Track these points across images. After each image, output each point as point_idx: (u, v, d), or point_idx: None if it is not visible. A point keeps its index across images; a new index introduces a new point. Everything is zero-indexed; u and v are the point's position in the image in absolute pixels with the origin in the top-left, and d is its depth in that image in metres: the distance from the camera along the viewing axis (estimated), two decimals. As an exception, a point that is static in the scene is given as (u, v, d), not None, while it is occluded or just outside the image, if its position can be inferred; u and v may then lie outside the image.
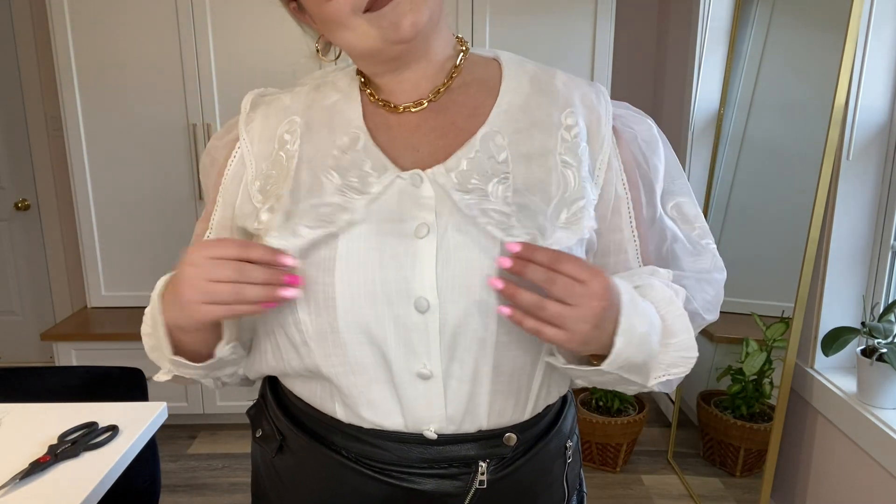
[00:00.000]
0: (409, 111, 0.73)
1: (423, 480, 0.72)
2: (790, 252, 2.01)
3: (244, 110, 0.80)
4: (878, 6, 1.73)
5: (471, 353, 0.69)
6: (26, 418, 1.31)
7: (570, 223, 0.69)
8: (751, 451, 2.28)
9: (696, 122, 2.81)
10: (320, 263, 0.68)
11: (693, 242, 0.78)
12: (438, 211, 0.67)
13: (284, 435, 0.78)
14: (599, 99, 0.75)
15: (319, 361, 0.71)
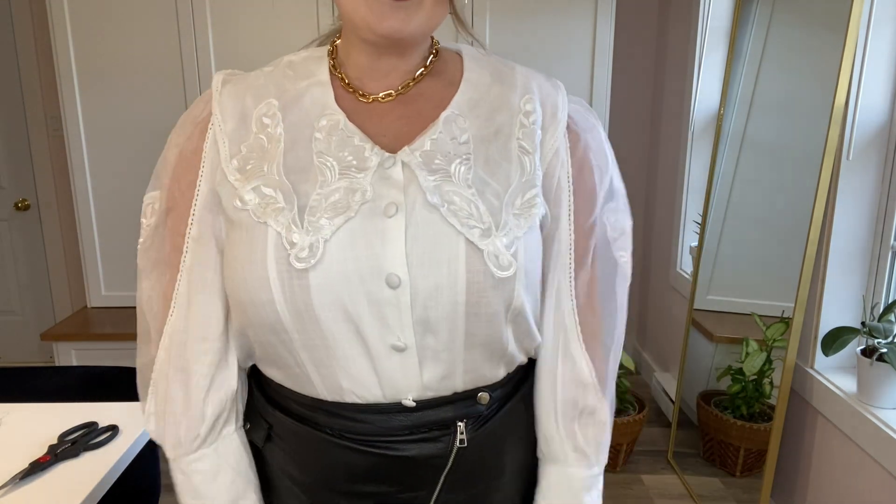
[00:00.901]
0: (377, 101, 0.75)
1: (406, 446, 0.75)
2: (790, 252, 2.01)
3: (216, 89, 0.77)
4: (878, 6, 1.73)
5: (443, 325, 0.71)
6: (26, 418, 1.31)
7: (524, 210, 0.73)
8: (751, 451, 2.28)
9: (696, 122, 2.81)
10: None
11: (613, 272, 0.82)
12: (406, 191, 0.70)
13: (271, 423, 0.80)
14: (557, 91, 0.79)
15: (296, 338, 0.71)
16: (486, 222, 0.70)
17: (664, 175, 3.15)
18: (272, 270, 0.69)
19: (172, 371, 0.77)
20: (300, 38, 3.10)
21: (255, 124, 0.74)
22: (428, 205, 0.70)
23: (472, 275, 0.69)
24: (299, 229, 0.69)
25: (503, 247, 0.70)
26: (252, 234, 0.71)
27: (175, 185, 0.77)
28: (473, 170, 0.72)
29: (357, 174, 0.70)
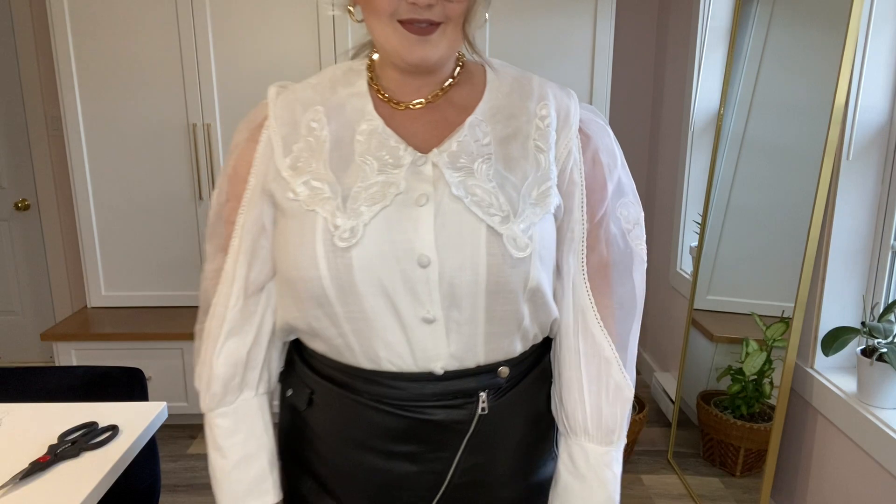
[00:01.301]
0: (409, 108, 0.87)
1: (435, 412, 0.85)
2: (790, 252, 2.01)
3: (271, 98, 0.90)
4: (878, 6, 1.73)
5: (466, 300, 0.81)
6: (26, 418, 1.31)
7: (539, 200, 0.84)
8: (751, 451, 2.28)
9: (696, 122, 2.81)
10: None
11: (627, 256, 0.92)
12: (436, 185, 0.81)
13: (312, 389, 0.91)
14: (570, 99, 0.90)
15: (340, 311, 0.82)
16: (506, 211, 0.81)
17: (664, 175, 3.15)
18: (319, 249, 0.80)
19: (205, 337, 0.93)
20: (300, 38, 3.10)
21: (304, 129, 0.86)
22: (453, 196, 0.81)
23: (492, 256, 0.80)
24: (342, 215, 0.80)
25: (520, 231, 0.81)
26: (302, 220, 0.82)
27: (231, 180, 0.90)
28: (494, 167, 0.83)
29: (393, 170, 0.82)
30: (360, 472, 0.89)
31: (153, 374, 2.77)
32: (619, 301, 0.91)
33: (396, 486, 0.89)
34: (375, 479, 0.89)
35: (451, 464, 0.88)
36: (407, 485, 0.89)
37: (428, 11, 0.78)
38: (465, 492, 0.90)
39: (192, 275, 2.96)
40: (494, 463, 0.90)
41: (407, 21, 0.79)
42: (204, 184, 2.85)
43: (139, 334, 2.73)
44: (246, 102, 2.79)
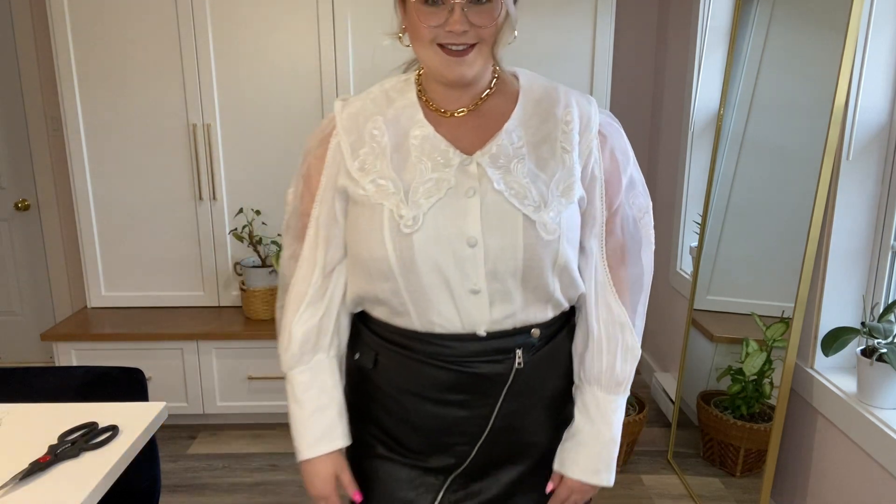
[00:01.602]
0: (454, 115, 1.04)
1: (479, 366, 1.03)
2: (790, 252, 2.01)
3: (339, 113, 1.07)
4: (878, 6, 1.73)
5: (507, 274, 0.99)
6: (26, 418, 1.31)
7: (565, 192, 1.01)
8: (751, 451, 2.28)
9: (696, 122, 2.81)
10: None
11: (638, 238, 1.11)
12: (480, 180, 0.99)
13: (377, 351, 1.09)
14: (590, 105, 1.06)
15: (402, 285, 1.00)
16: (538, 202, 0.99)
17: (664, 175, 3.15)
18: (387, 235, 0.99)
19: (285, 310, 1.11)
20: (300, 38, 3.10)
21: (368, 136, 1.03)
22: (495, 190, 0.99)
23: (527, 238, 0.98)
24: (405, 206, 0.99)
25: (550, 218, 0.99)
26: (372, 211, 1.00)
27: (305, 181, 1.10)
28: (527, 165, 1.01)
29: (444, 169, 1.00)
30: (418, 418, 1.07)
31: (153, 374, 2.77)
32: (633, 277, 1.10)
33: (448, 429, 1.07)
34: (432, 424, 1.07)
35: (493, 409, 1.06)
36: (457, 428, 1.06)
37: (463, 36, 0.95)
38: (505, 434, 1.07)
39: (193, 275, 2.96)
40: (529, 409, 1.08)
41: (445, 45, 0.96)
42: (204, 184, 2.85)
43: (139, 334, 2.73)
44: (246, 102, 2.80)
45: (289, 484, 2.50)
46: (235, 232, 2.83)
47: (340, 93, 2.76)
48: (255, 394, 2.81)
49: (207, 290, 2.97)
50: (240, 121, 2.80)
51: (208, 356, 2.77)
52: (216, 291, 2.97)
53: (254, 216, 2.86)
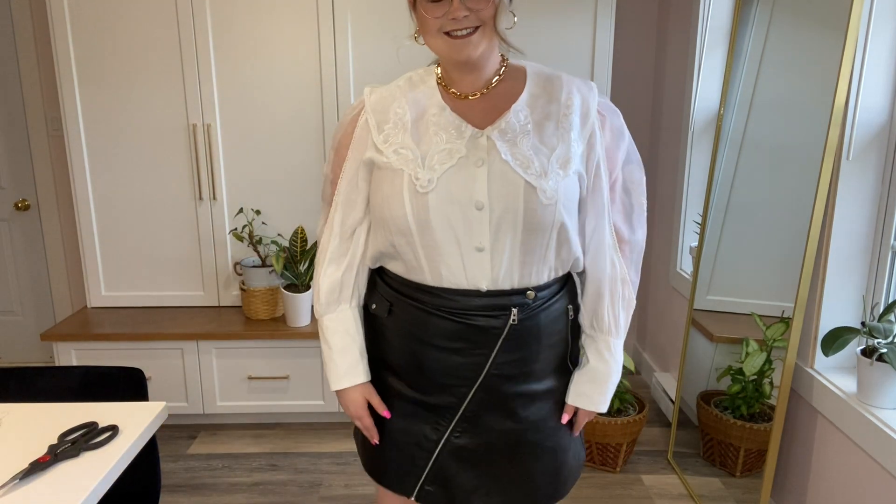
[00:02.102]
0: (468, 98, 1.20)
1: (479, 319, 1.19)
2: (790, 252, 2.01)
3: (368, 97, 1.23)
4: (878, 6, 1.73)
5: (507, 235, 1.15)
6: (26, 418, 1.31)
7: (563, 166, 1.16)
8: (751, 451, 2.28)
9: (696, 122, 2.81)
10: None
11: (636, 207, 1.27)
12: (489, 152, 1.15)
13: (391, 302, 1.25)
14: (591, 90, 1.22)
15: (417, 240, 1.16)
16: (539, 171, 1.14)
17: (664, 175, 3.15)
18: (406, 194, 1.15)
19: (315, 269, 1.30)
20: (300, 39, 3.10)
21: (392, 115, 1.20)
22: (502, 160, 1.14)
23: (528, 202, 1.13)
24: (422, 170, 1.14)
25: (549, 186, 1.13)
26: (393, 175, 1.16)
27: (336, 152, 1.27)
28: (531, 140, 1.16)
29: (457, 140, 1.16)
30: (424, 362, 1.23)
31: (153, 374, 2.77)
32: (631, 240, 1.27)
33: (449, 373, 1.22)
34: (434, 367, 1.23)
35: (488, 358, 1.21)
36: (456, 372, 1.22)
37: (464, 21, 1.09)
38: (498, 381, 1.22)
39: (193, 275, 2.96)
40: (520, 362, 1.22)
41: (451, 31, 1.10)
42: (204, 184, 2.85)
43: (139, 334, 2.73)
44: (246, 102, 2.80)
45: (289, 484, 2.50)
46: (235, 232, 2.83)
47: (340, 93, 2.76)
48: (255, 394, 2.81)
49: (207, 290, 2.97)
50: (240, 121, 2.80)
51: (208, 356, 2.78)
52: (216, 291, 2.97)
53: (254, 216, 2.86)
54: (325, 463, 2.63)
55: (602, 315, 1.26)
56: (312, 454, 2.69)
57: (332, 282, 1.27)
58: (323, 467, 2.60)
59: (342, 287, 1.28)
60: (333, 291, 1.27)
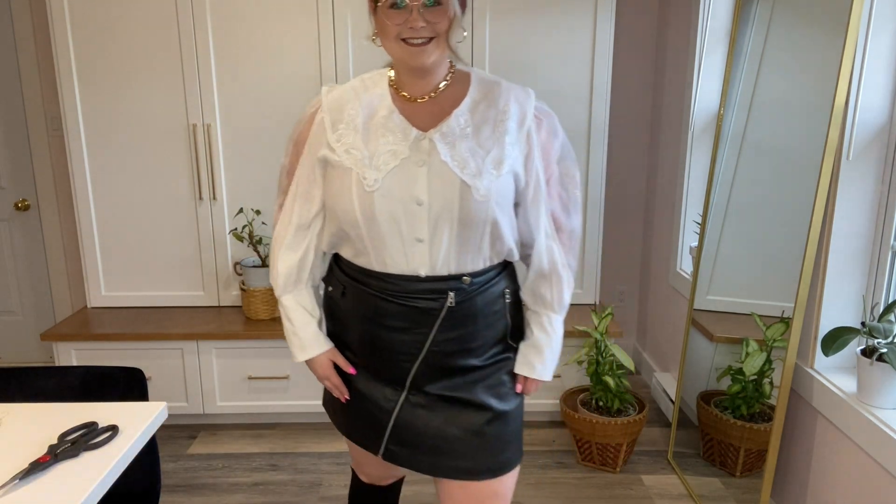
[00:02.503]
0: (416, 101, 1.31)
1: (419, 301, 1.32)
2: (790, 252, 2.01)
3: (325, 96, 1.35)
4: (878, 6, 1.73)
5: (444, 229, 1.27)
6: (26, 418, 1.31)
7: (496, 167, 1.27)
8: (751, 451, 2.28)
9: (696, 122, 2.81)
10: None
11: (571, 199, 1.40)
12: (430, 153, 1.26)
13: (344, 285, 1.39)
14: (528, 96, 1.34)
15: (365, 232, 1.28)
16: (474, 171, 1.25)
17: (664, 175, 3.15)
18: (354, 191, 1.26)
19: (272, 252, 1.42)
20: (300, 39, 3.09)
21: (346, 116, 1.31)
22: (441, 161, 1.26)
23: (463, 200, 1.25)
24: (369, 170, 1.26)
25: (482, 185, 1.25)
26: (344, 173, 1.28)
27: (294, 146, 1.38)
28: (469, 143, 1.27)
29: (402, 142, 1.27)
30: (371, 339, 1.37)
31: (153, 374, 2.77)
32: (568, 228, 1.40)
33: (395, 349, 1.35)
34: (381, 344, 1.36)
35: (428, 336, 1.34)
36: (400, 348, 1.35)
37: (421, 31, 1.20)
38: (439, 356, 1.35)
39: (193, 275, 2.96)
40: (459, 340, 1.34)
41: (408, 39, 1.21)
42: (204, 184, 2.85)
43: (139, 334, 2.73)
44: (246, 102, 2.80)
45: (289, 484, 2.50)
46: (235, 232, 2.83)
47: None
48: (255, 394, 2.81)
49: (207, 290, 2.97)
50: (240, 121, 2.80)
51: (208, 356, 2.78)
52: (216, 291, 2.97)
53: (254, 216, 2.86)
54: (325, 463, 2.63)
55: (544, 294, 1.40)
56: (312, 454, 2.70)
57: (290, 266, 1.39)
58: (323, 467, 2.60)
59: (299, 270, 1.40)
60: (291, 275, 1.39)
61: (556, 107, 3.04)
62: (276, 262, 1.40)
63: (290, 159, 1.40)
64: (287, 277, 1.40)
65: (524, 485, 2.48)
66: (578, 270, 2.97)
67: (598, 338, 2.51)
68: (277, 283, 1.41)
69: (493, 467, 1.40)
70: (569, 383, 2.80)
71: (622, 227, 3.42)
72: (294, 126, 1.40)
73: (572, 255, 1.42)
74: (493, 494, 1.42)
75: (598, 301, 3.02)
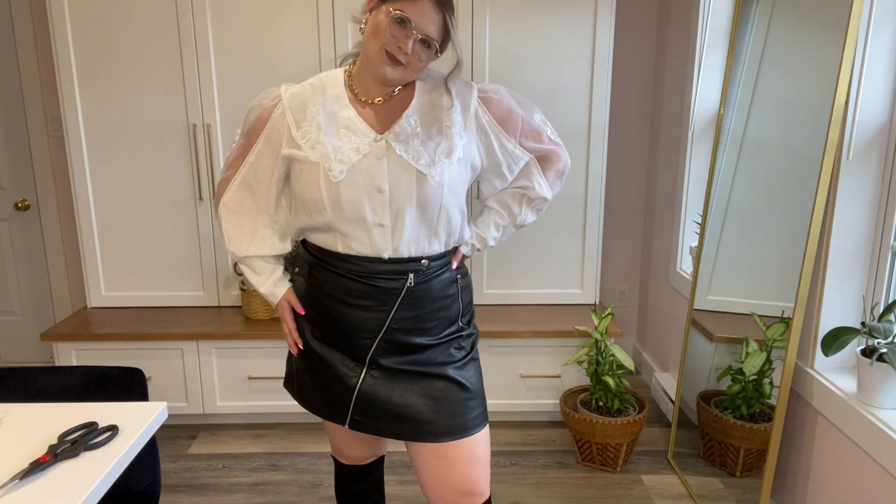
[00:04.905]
0: (372, 103, 1.45)
1: (381, 281, 1.44)
2: (790, 252, 2.01)
3: (283, 91, 1.46)
4: (878, 6, 1.73)
5: (406, 213, 1.41)
6: (26, 418, 1.31)
7: (447, 155, 1.42)
8: (751, 451, 2.28)
9: (696, 122, 2.81)
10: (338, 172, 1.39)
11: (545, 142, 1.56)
12: (387, 149, 1.40)
13: (310, 266, 1.51)
14: (471, 88, 1.48)
15: (332, 219, 1.41)
16: (428, 162, 1.40)
17: (664, 175, 3.15)
18: (322, 183, 1.39)
19: (241, 221, 1.56)
20: (300, 38, 3.09)
21: (308, 114, 1.42)
22: (398, 155, 1.40)
23: (420, 187, 1.40)
24: (335, 164, 1.38)
25: (436, 173, 1.40)
26: (311, 167, 1.40)
27: (249, 133, 1.50)
28: (421, 138, 1.42)
29: (363, 141, 1.40)
30: (336, 315, 1.48)
31: (153, 374, 2.77)
32: (555, 149, 1.57)
33: (357, 325, 1.47)
34: (344, 321, 1.48)
35: (389, 314, 1.46)
36: (362, 325, 1.47)
37: (404, 57, 1.34)
38: (397, 333, 1.47)
39: (193, 275, 2.96)
40: (415, 319, 1.48)
41: (388, 53, 1.33)
42: (204, 184, 2.85)
43: (139, 334, 2.73)
44: (246, 102, 2.78)
45: (289, 484, 2.50)
46: (235, 232, 2.82)
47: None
48: (255, 394, 2.81)
49: (207, 290, 2.97)
50: (240, 121, 2.79)
51: (208, 356, 2.78)
52: (216, 291, 2.97)
53: (254, 216, 2.85)
54: (325, 463, 2.63)
55: (517, 211, 1.61)
56: (312, 454, 2.70)
57: (260, 246, 1.55)
58: (323, 467, 2.60)
59: (268, 249, 1.56)
60: (241, 252, 1.56)
61: (556, 107, 3.04)
62: (243, 250, 1.55)
63: (241, 145, 1.52)
64: (258, 251, 1.55)
65: (524, 485, 2.48)
66: (579, 270, 2.98)
67: (598, 338, 2.51)
68: (246, 252, 1.55)
69: (452, 429, 1.49)
70: (569, 383, 2.80)
71: (622, 227, 3.42)
72: (249, 112, 1.50)
73: (559, 183, 1.61)
74: (469, 456, 1.51)
75: (598, 301, 3.02)
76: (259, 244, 1.55)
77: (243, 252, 1.55)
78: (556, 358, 2.79)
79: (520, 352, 2.78)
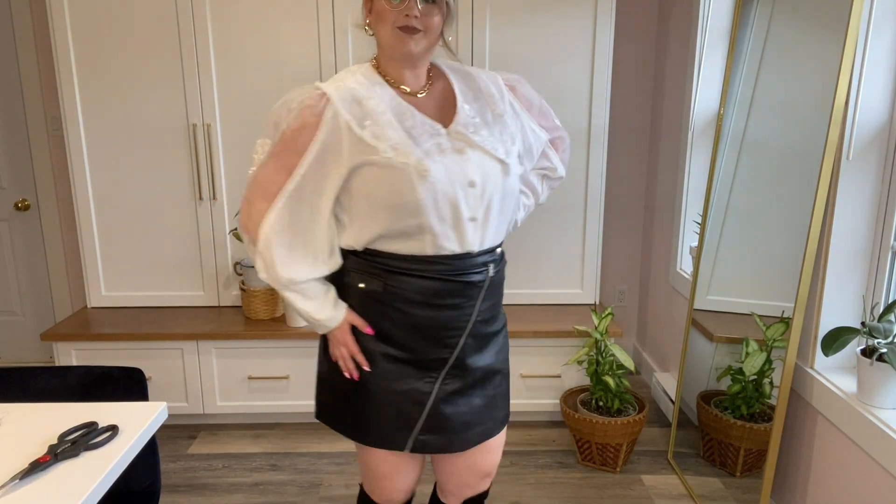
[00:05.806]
0: (416, 96, 1.41)
1: (470, 276, 1.41)
2: (790, 252, 2.01)
3: (327, 88, 1.34)
4: (878, 6, 1.73)
5: (493, 208, 1.40)
6: (26, 418, 1.31)
7: (512, 142, 1.44)
8: (751, 451, 2.28)
9: (696, 122, 2.81)
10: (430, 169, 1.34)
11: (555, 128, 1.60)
12: (465, 142, 1.37)
13: (385, 278, 1.40)
14: (496, 76, 1.50)
15: (427, 220, 1.33)
16: (504, 151, 1.41)
17: (664, 175, 3.15)
18: (417, 184, 1.31)
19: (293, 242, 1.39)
20: (299, 39, 3.10)
21: (368, 111, 1.33)
22: (478, 146, 1.38)
23: (505, 176, 1.41)
24: (426, 161, 1.32)
25: (513, 162, 1.43)
26: (396, 168, 1.31)
27: (289, 142, 1.35)
28: (485, 128, 1.41)
29: (438, 136, 1.36)
30: (421, 321, 1.41)
31: (153, 374, 2.77)
32: (563, 149, 1.64)
33: (444, 326, 1.42)
34: (429, 324, 1.41)
35: (475, 308, 1.44)
36: (450, 324, 1.42)
37: (415, 21, 1.30)
38: (481, 326, 1.46)
39: (193, 275, 2.96)
40: (492, 307, 1.49)
41: (402, 27, 1.30)
42: (204, 184, 2.85)
43: (139, 334, 2.73)
44: (246, 102, 2.80)
45: (289, 484, 2.50)
46: (235, 232, 2.83)
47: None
48: (255, 394, 2.81)
49: (207, 290, 2.97)
50: (240, 121, 2.80)
51: (208, 356, 2.78)
52: (216, 291, 2.97)
53: (254, 216, 2.85)
54: (325, 463, 2.63)
55: (538, 190, 1.65)
56: (312, 454, 2.70)
57: (309, 270, 1.40)
58: (323, 467, 2.60)
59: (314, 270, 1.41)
60: (298, 277, 1.39)
61: (556, 107, 3.07)
62: (283, 267, 1.37)
63: (277, 152, 1.37)
64: (291, 278, 1.39)
65: (524, 485, 2.48)
66: (579, 270, 2.98)
67: (598, 338, 2.51)
68: (280, 283, 1.39)
69: (499, 422, 1.55)
70: (569, 383, 2.80)
71: (622, 227, 3.42)
72: (281, 117, 1.36)
73: (567, 155, 1.66)
74: (500, 443, 1.59)
75: (598, 301, 3.02)
76: (320, 265, 1.41)
77: (303, 276, 1.38)
78: (557, 358, 2.79)
79: (520, 351, 2.78)
